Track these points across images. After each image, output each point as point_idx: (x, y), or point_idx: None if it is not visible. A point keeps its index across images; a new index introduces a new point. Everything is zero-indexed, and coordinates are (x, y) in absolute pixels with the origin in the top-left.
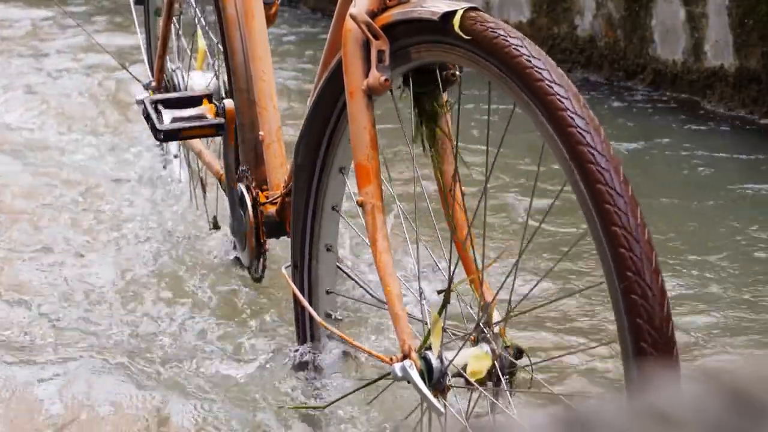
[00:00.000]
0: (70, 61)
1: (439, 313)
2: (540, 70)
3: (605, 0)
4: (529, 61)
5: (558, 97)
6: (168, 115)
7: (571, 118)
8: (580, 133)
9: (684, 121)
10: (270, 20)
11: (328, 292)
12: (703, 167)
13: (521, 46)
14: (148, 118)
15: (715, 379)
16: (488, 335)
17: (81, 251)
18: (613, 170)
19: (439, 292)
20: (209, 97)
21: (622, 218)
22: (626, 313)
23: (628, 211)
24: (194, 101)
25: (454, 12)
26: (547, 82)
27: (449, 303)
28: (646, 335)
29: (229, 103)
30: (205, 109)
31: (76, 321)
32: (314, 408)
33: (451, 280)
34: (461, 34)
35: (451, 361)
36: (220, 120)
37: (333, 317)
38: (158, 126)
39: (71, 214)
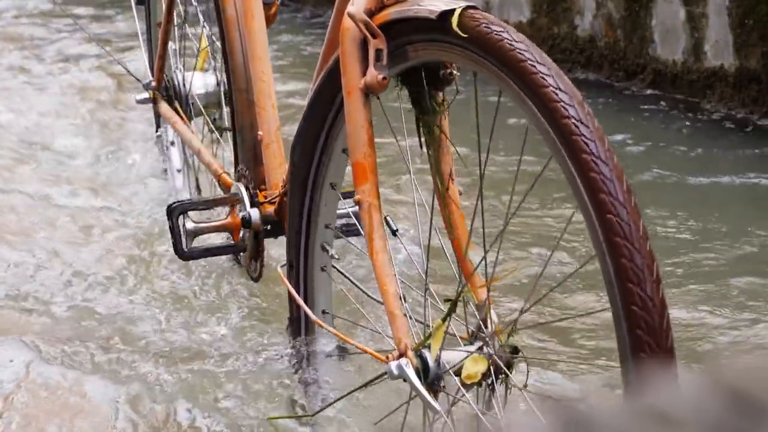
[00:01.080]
0: (54, 52)
1: (444, 320)
2: (544, 74)
3: (605, 0)
4: (528, 60)
5: (562, 104)
6: (191, 224)
7: (576, 126)
8: (584, 142)
9: (683, 121)
10: (270, 20)
11: (326, 226)
12: (701, 166)
13: (521, 46)
14: (172, 231)
15: (715, 379)
16: (485, 336)
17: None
18: (617, 180)
19: (446, 300)
20: (236, 202)
21: (624, 228)
22: (625, 318)
23: (630, 222)
24: (221, 203)
25: (452, 10)
26: (552, 88)
27: (455, 312)
28: (645, 344)
29: (255, 214)
30: (229, 220)
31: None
32: (300, 417)
33: (460, 293)
34: (459, 32)
35: (448, 370)
36: (243, 247)
37: (330, 254)
38: (181, 248)
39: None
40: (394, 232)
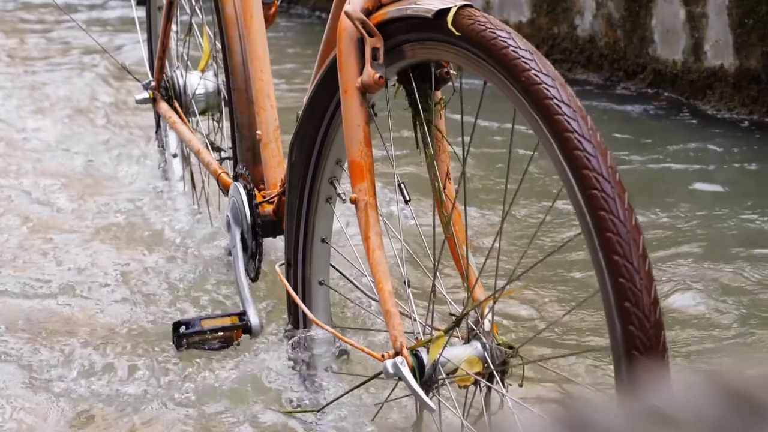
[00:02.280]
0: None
1: (446, 333)
2: (536, 71)
3: (605, 0)
4: (524, 59)
5: (555, 101)
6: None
7: (562, 111)
8: (573, 130)
9: (683, 121)
10: (269, 20)
11: (334, 166)
12: (701, 166)
13: (514, 44)
14: (176, 330)
15: (715, 380)
16: (480, 334)
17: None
18: (600, 156)
19: (450, 314)
20: (244, 327)
21: (609, 202)
22: (618, 318)
23: (615, 197)
24: (231, 330)
25: (448, 9)
26: (543, 82)
27: (458, 326)
28: (637, 340)
29: (254, 321)
30: (229, 335)
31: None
32: (306, 412)
33: (466, 313)
34: (454, 30)
35: (445, 378)
36: (237, 342)
37: (335, 185)
38: (178, 344)
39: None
40: (406, 201)
